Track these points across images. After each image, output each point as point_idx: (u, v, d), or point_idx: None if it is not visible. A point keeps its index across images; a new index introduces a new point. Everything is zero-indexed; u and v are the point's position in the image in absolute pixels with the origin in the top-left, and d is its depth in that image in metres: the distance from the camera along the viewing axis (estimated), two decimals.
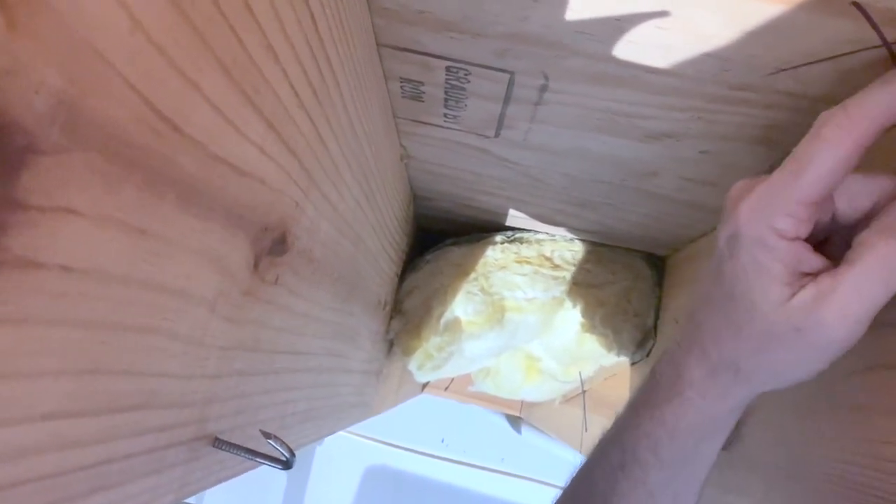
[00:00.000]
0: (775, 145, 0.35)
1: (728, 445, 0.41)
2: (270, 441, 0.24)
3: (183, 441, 0.21)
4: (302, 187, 0.27)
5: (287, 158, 0.25)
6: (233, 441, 0.24)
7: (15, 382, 0.13)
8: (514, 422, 1.48)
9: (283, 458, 0.24)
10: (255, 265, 0.24)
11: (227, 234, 0.21)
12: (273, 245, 0.25)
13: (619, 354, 0.66)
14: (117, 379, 0.16)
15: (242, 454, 0.23)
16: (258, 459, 0.24)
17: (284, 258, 0.27)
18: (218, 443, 0.23)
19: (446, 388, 1.37)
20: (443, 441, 1.63)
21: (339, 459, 1.64)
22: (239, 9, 0.18)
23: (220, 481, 0.24)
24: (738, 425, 0.40)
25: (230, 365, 0.23)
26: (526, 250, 0.63)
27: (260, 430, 0.25)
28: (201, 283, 0.20)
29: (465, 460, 1.57)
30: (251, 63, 0.19)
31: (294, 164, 0.25)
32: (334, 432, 0.48)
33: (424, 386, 1.23)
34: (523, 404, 1.29)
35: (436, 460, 1.58)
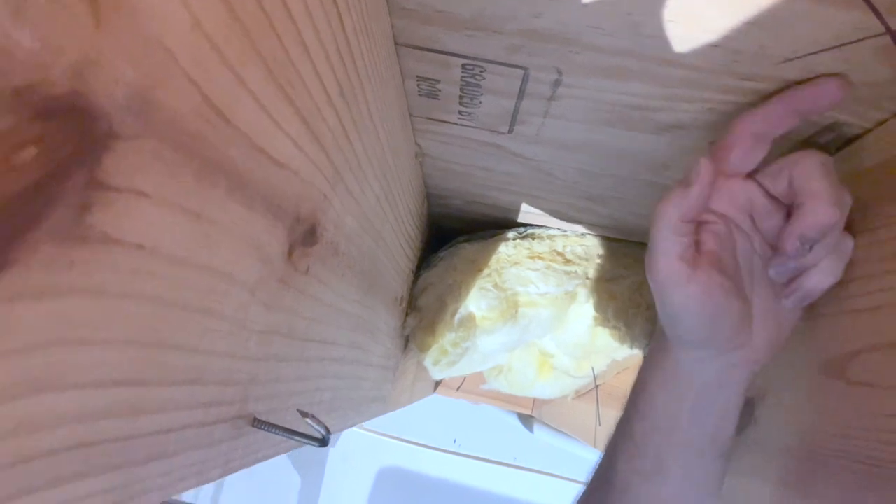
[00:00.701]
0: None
1: (742, 430, 0.42)
2: (307, 420, 0.25)
3: (227, 418, 0.22)
4: (330, 181, 0.28)
5: (317, 153, 0.26)
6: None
7: (92, 349, 0.14)
8: (527, 421, 1.49)
9: (320, 436, 0.25)
10: (290, 254, 0.25)
11: (267, 223, 0.22)
12: (305, 235, 0.26)
13: (631, 347, 0.67)
14: (175, 353, 0.17)
15: (280, 433, 0.24)
16: (296, 438, 0.25)
17: (314, 248, 0.28)
18: (257, 423, 0.24)
19: (458, 388, 1.37)
20: (455, 441, 1.64)
21: (353, 460, 1.65)
22: (279, 7, 0.19)
23: (258, 461, 0.26)
24: (753, 409, 0.41)
25: (268, 349, 0.25)
26: (538, 246, 0.64)
27: (297, 410, 0.26)
28: (244, 269, 0.21)
29: (478, 456, 1.57)
30: (288, 60, 0.21)
31: (323, 158, 0.27)
32: (354, 425, 0.49)
33: (437, 385, 1.24)
34: (535, 402, 1.30)
35: (450, 459, 1.59)
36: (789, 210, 0.33)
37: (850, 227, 0.32)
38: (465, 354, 0.67)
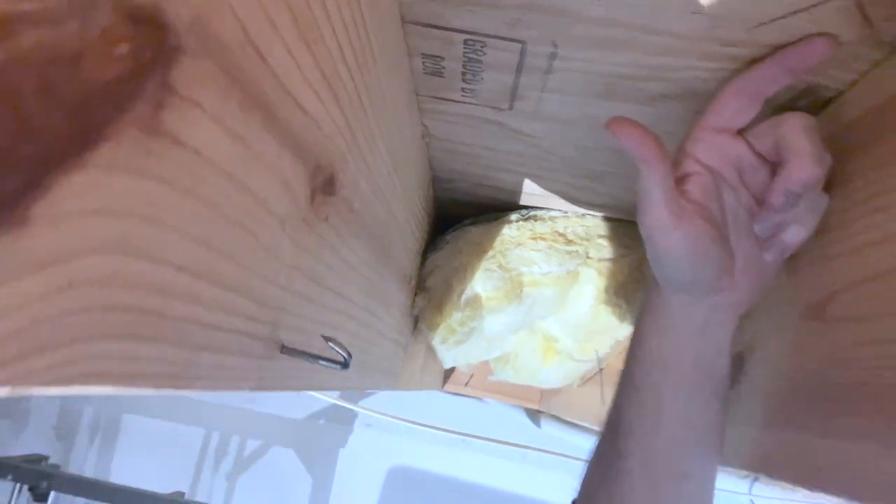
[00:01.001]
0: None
1: (735, 383, 0.44)
2: (330, 343, 0.28)
3: (262, 337, 0.25)
4: (346, 139, 0.31)
5: (335, 110, 0.29)
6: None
7: (163, 231, 0.17)
8: (534, 416, 1.51)
9: (342, 360, 0.28)
10: (311, 199, 0.28)
11: (293, 163, 0.25)
12: (325, 184, 0.29)
13: (632, 325, 0.69)
14: (222, 259, 0.20)
15: (306, 359, 0.27)
16: (320, 362, 0.27)
17: (333, 199, 0.31)
18: (285, 350, 0.26)
19: (466, 384, 1.39)
20: (463, 440, 1.66)
21: (363, 459, 1.68)
22: None
23: (287, 388, 0.28)
24: (743, 364, 0.44)
25: (294, 284, 0.27)
26: (540, 227, 0.67)
27: (321, 335, 0.29)
28: (275, 200, 0.24)
29: (487, 449, 1.59)
30: (312, 17, 0.23)
31: (341, 117, 0.29)
32: (365, 388, 0.51)
33: (447, 379, 1.26)
34: (542, 395, 1.32)
35: (459, 457, 1.61)
36: (774, 168, 0.35)
37: (827, 182, 0.35)
38: (472, 334, 0.70)
